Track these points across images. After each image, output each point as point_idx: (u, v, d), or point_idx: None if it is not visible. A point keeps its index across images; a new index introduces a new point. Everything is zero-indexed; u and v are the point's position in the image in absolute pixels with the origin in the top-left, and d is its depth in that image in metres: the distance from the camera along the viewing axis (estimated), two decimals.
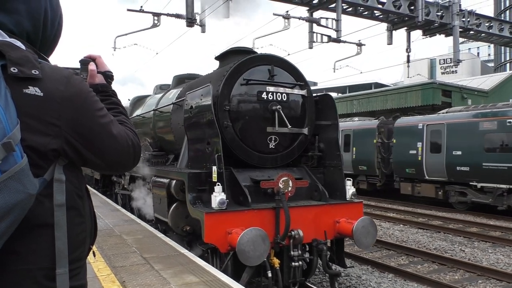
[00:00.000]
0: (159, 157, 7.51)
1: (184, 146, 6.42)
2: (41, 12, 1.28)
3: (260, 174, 5.68)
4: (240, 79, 5.66)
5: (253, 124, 5.70)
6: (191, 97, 5.95)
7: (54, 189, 1.17)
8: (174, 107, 7.25)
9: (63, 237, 1.18)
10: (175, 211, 6.04)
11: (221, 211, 4.87)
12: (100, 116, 1.27)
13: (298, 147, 6.08)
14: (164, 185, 6.16)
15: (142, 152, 8.22)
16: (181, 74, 8.78)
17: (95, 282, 3.99)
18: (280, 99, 5.82)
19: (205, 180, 5.39)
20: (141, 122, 9.31)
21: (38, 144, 1.12)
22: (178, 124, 7.04)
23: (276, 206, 5.15)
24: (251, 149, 5.70)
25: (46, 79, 1.16)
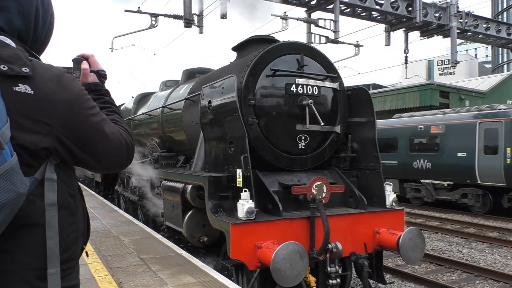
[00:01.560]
0: (169, 159, 6.81)
1: (199, 146, 5.72)
2: (32, 10, 1.27)
3: (289, 178, 4.99)
4: (266, 69, 4.96)
5: (281, 121, 5.00)
6: (209, 91, 5.26)
7: (45, 188, 1.16)
8: (187, 103, 6.55)
9: (55, 237, 1.16)
10: (191, 219, 5.35)
11: (249, 221, 4.18)
12: (92, 115, 1.25)
13: (330, 147, 5.39)
14: (178, 190, 5.46)
15: (150, 153, 7.54)
16: (191, 68, 8.08)
17: (92, 283, 3.95)
18: (311, 92, 5.13)
19: (228, 185, 4.69)
20: (147, 121, 8.60)
21: (28, 142, 1.11)
22: (191, 122, 6.34)
23: (311, 215, 4.46)
24: (278, 150, 5.01)
25: (36, 77, 1.14)
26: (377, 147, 5.24)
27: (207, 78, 6.35)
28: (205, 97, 5.33)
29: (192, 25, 13.79)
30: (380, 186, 5.17)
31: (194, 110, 6.22)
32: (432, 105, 20.44)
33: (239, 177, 4.52)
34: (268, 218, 4.35)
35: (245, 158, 4.39)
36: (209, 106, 5.17)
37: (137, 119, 9.37)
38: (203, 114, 5.33)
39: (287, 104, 5.02)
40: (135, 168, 7.96)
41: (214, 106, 5.04)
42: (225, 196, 4.64)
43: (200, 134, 5.77)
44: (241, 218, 4.19)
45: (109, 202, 10.96)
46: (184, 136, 6.69)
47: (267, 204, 4.56)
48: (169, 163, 6.79)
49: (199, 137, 5.79)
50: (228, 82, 4.73)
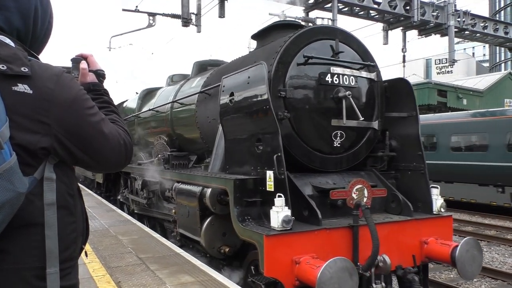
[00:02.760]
0: (180, 158, 6.19)
1: (217, 144, 5.10)
2: (31, 10, 1.28)
3: (323, 180, 4.38)
4: (297, 57, 4.35)
5: (314, 115, 4.39)
6: (231, 82, 4.63)
7: (44, 187, 1.16)
8: (201, 97, 5.92)
9: (54, 237, 1.16)
10: (210, 227, 4.73)
11: (286, 232, 3.56)
12: (90, 115, 1.25)
13: (366, 145, 4.78)
14: (195, 194, 4.84)
15: (159, 153, 6.91)
16: (203, 60, 7.45)
17: (90, 283, 3.92)
18: (347, 83, 4.51)
19: (255, 189, 4.08)
20: (154, 118, 7.97)
21: (27, 142, 1.11)
22: (206, 117, 5.72)
23: (353, 223, 3.85)
24: (310, 148, 4.40)
25: (35, 76, 1.14)
26: (421, 145, 4.63)
27: (225, 69, 5.72)
28: (226, 89, 4.70)
29: (190, 24, 13.73)
30: (425, 189, 4.55)
31: (211, 105, 5.60)
32: (430, 103, 20.37)
33: (270, 180, 3.90)
34: (305, 228, 3.73)
35: (279, 158, 3.77)
36: (231, 99, 4.55)
37: (142, 116, 8.74)
38: (223, 109, 4.71)
39: (321, 96, 4.41)
40: (142, 169, 7.33)
41: (238, 99, 4.42)
42: (253, 202, 4.03)
43: (218, 131, 5.15)
44: (275, 228, 3.58)
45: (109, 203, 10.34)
46: (198, 134, 6.07)
47: (301, 211, 3.94)
48: (180, 164, 6.17)
49: (217, 135, 5.17)
50: (256, 70, 4.11)
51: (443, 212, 4.47)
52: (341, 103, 4.39)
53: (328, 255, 3.69)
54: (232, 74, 4.67)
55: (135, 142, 9.54)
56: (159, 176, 6.21)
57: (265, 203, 4.01)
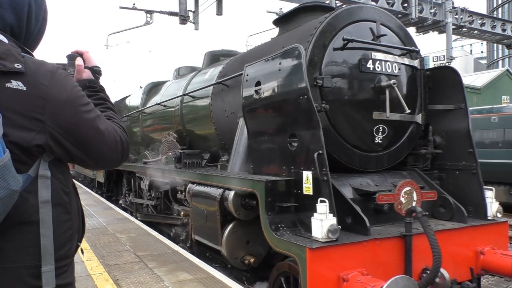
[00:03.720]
0: (193, 157, 5.63)
1: (238, 141, 4.55)
2: (25, 6, 1.26)
3: (364, 181, 3.83)
4: (335, 40, 3.80)
5: (354, 107, 3.85)
6: (257, 71, 4.08)
7: (39, 185, 1.15)
8: (217, 89, 5.36)
9: (49, 235, 1.16)
10: (232, 235, 4.19)
11: (331, 244, 3.02)
12: (86, 111, 1.24)
13: (408, 142, 4.24)
14: (215, 197, 4.29)
15: (169, 150, 6.36)
16: (215, 50, 6.88)
17: (88, 281, 3.91)
18: (390, 71, 3.97)
19: (289, 192, 3.53)
20: (161, 113, 7.40)
21: (21, 139, 1.10)
22: (223, 111, 5.17)
23: (406, 233, 3.31)
24: (349, 145, 3.85)
25: (29, 73, 1.13)
26: (472, 142, 4.08)
27: (245, 57, 5.16)
28: (250, 78, 4.15)
29: (188, 22, 13.66)
30: (477, 192, 4.01)
31: (229, 97, 5.04)
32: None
33: (308, 182, 3.36)
34: (351, 238, 3.18)
35: (320, 157, 3.22)
36: (257, 90, 4.00)
37: (148, 112, 8.17)
38: (247, 101, 4.15)
39: (362, 85, 3.86)
40: (150, 168, 6.77)
41: (266, 89, 3.86)
42: (286, 208, 3.48)
43: (238, 126, 4.61)
44: (318, 239, 3.03)
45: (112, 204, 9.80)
46: (213, 130, 5.51)
47: (343, 218, 3.39)
48: (193, 162, 5.61)
49: (237, 130, 4.63)
50: (291, 55, 3.55)
51: (499, 218, 3.94)
52: (383, 94, 3.85)
53: (377, 270, 3.17)
54: (257, 61, 4.11)
55: (139, 139, 8.98)
56: (171, 176, 5.65)
57: (300, 209, 3.47)
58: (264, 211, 3.43)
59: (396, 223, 3.71)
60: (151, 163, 7.43)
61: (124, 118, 10.25)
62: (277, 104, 3.73)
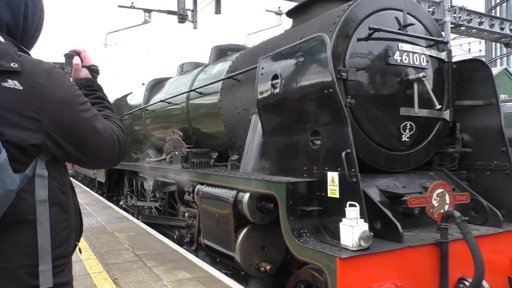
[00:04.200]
0: (201, 156, 5.33)
1: (251, 139, 4.26)
2: (21, 4, 1.25)
3: (391, 182, 3.54)
4: (359, 30, 3.51)
5: (380, 102, 3.56)
6: (274, 63, 3.78)
7: (36, 184, 1.15)
8: (227, 84, 5.07)
9: (46, 234, 1.15)
10: (247, 240, 3.90)
11: (363, 253, 2.73)
12: (83, 111, 1.23)
13: (435, 140, 3.96)
14: (227, 199, 3.99)
15: (175, 149, 6.07)
16: (223, 45, 6.58)
17: (87, 280, 3.90)
18: (418, 63, 3.68)
19: (311, 194, 3.24)
20: (166, 110, 7.10)
21: (18, 138, 1.09)
22: (234, 108, 4.87)
23: (441, 239, 3.02)
24: (374, 143, 3.57)
25: (25, 72, 1.12)
26: (505, 140, 3.80)
27: (257, 50, 4.86)
28: (265, 72, 3.85)
29: (186, 20, 13.60)
30: (509, 193, 3.73)
31: (240, 93, 4.75)
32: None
33: (333, 184, 3.06)
34: (384, 246, 2.89)
35: (349, 156, 2.93)
36: (274, 84, 3.70)
37: (151, 109, 7.87)
38: (262, 96, 3.86)
39: (388, 78, 3.57)
40: (154, 168, 6.47)
41: (284, 82, 3.57)
42: (309, 212, 3.19)
43: (251, 123, 4.33)
44: (349, 248, 2.74)
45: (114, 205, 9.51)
46: (222, 127, 5.22)
47: (372, 223, 3.10)
48: (201, 162, 5.31)
49: (250, 127, 4.34)
50: (313, 45, 3.25)
51: None
52: (411, 88, 3.56)
53: (411, 281, 2.89)
54: (273, 53, 3.81)
55: (142, 138, 8.69)
56: (178, 177, 5.36)
57: (324, 213, 3.18)
58: (285, 216, 3.13)
59: (425, 228, 3.43)
60: (155, 162, 7.13)
61: (125, 116, 9.96)
62: (297, 99, 3.43)
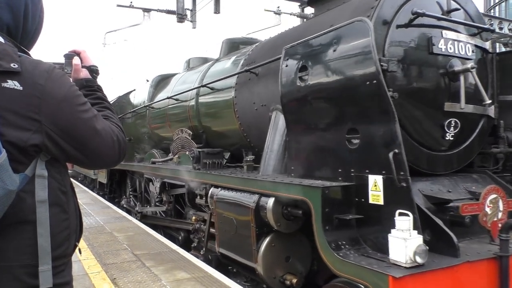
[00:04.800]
0: (214, 156, 4.94)
1: (271, 138, 3.88)
2: (21, 5, 1.24)
3: (435, 187, 3.16)
4: (399, 16, 3.12)
5: (422, 96, 3.17)
6: (301, 53, 3.39)
7: (36, 185, 1.14)
8: (242, 79, 4.68)
9: (46, 234, 1.15)
10: (270, 250, 3.51)
11: (418, 270, 2.34)
12: (82, 111, 1.22)
13: (479, 138, 3.57)
14: (248, 205, 3.61)
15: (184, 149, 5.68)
16: (234, 38, 6.19)
17: (85, 280, 3.92)
18: (464, 53, 3.29)
19: (349, 200, 2.86)
20: (174, 108, 6.70)
21: (17, 139, 1.09)
22: (251, 104, 4.49)
23: (501, 253, 2.64)
24: (416, 142, 3.18)
25: (25, 73, 1.12)
26: None
27: (277, 41, 4.47)
28: (291, 63, 3.47)
29: (185, 20, 13.60)
30: None
31: (259, 87, 4.37)
32: None
33: (376, 188, 2.68)
34: (438, 261, 2.51)
35: (398, 157, 2.55)
36: (302, 76, 3.32)
37: (156, 107, 7.47)
38: (287, 89, 3.47)
39: (431, 70, 3.18)
40: (161, 169, 6.08)
41: (315, 73, 3.18)
42: (347, 221, 2.80)
43: (271, 121, 3.95)
44: (401, 264, 2.36)
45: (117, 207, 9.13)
46: (237, 125, 4.83)
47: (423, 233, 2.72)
48: (214, 163, 4.93)
49: (270, 125, 3.97)
50: (353, 30, 2.87)
51: None
52: (456, 81, 3.18)
53: None
54: (300, 42, 3.42)
55: (146, 137, 8.30)
56: (189, 179, 4.97)
57: (364, 222, 2.80)
58: (320, 226, 2.75)
59: (474, 238, 3.05)
60: (161, 163, 6.75)
61: (128, 114, 9.59)
62: (331, 92, 3.04)
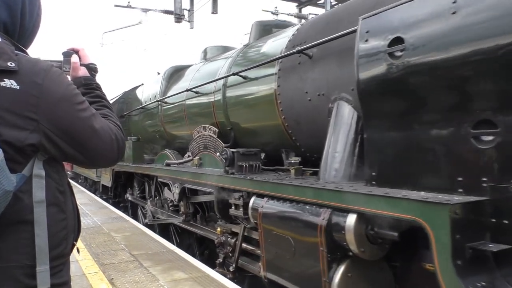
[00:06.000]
0: (251, 158, 4.08)
1: (335, 136, 3.04)
2: (18, 3, 1.23)
3: None
4: None
5: None
6: (390, 20, 2.55)
7: (33, 185, 1.13)
8: (287, 64, 3.83)
9: (43, 234, 1.14)
10: (346, 281, 2.66)
11: None
12: (80, 110, 1.21)
13: None
14: (314, 221, 2.75)
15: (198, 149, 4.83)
16: (265, 21, 5.33)
17: (83, 280, 3.92)
18: None
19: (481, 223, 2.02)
20: (193, 103, 5.83)
21: (14, 138, 1.08)
22: (303, 93, 3.64)
23: None
24: None
25: (23, 71, 1.11)
26: None
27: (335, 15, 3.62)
28: (374, 35, 2.62)
29: (183, 20, 13.62)
30: None
31: (314, 72, 3.52)
32: None
33: None
34: None
35: None
36: (392, 52, 2.47)
37: (171, 101, 6.61)
38: (367, 69, 2.63)
39: None
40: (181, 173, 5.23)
41: (418, 45, 2.33)
42: (483, 254, 1.96)
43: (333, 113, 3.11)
44: None
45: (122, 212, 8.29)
46: (279, 120, 3.99)
47: None
48: (251, 166, 4.07)
49: (332, 119, 3.13)
50: None
51: None
52: None
53: None
54: (391, 7, 2.57)
55: (157, 135, 7.46)
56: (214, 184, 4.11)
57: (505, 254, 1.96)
58: (449, 260, 1.90)
59: None
60: (176, 165, 5.89)
61: (134, 112, 8.74)
62: (446, 71, 2.20)
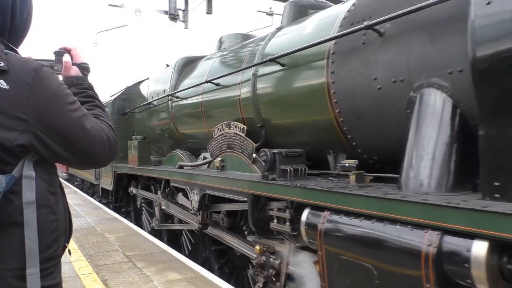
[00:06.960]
0: (295, 161, 3.34)
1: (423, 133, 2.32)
2: (8, 0, 1.20)
3: None
4: None
5: None
6: None
7: (23, 186, 1.12)
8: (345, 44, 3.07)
9: (33, 236, 1.13)
10: None
11: None
12: (71, 110, 1.20)
13: None
14: (415, 248, 2.02)
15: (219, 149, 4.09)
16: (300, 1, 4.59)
17: (76, 281, 3.91)
18: None
19: None
20: (213, 97, 5.08)
21: (4, 139, 1.07)
22: (368, 80, 2.91)
23: None
24: None
25: (12, 71, 1.10)
26: None
27: None
28: None
29: (177, 20, 13.54)
30: None
31: (388, 53, 2.81)
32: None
33: None
34: None
35: None
36: None
37: (184, 96, 5.84)
38: (492, 43, 1.91)
39: None
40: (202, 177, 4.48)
41: None
42: None
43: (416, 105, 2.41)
44: None
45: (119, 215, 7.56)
46: (330, 115, 3.25)
47: None
48: (297, 170, 3.33)
49: (415, 111, 2.42)
50: None
51: None
52: None
53: None
54: None
55: (166, 134, 6.71)
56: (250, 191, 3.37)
57: None
58: None
59: None
60: (190, 168, 5.15)
61: (136, 109, 8.00)
62: None
